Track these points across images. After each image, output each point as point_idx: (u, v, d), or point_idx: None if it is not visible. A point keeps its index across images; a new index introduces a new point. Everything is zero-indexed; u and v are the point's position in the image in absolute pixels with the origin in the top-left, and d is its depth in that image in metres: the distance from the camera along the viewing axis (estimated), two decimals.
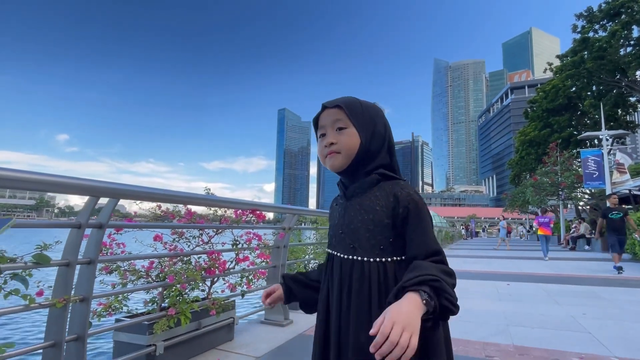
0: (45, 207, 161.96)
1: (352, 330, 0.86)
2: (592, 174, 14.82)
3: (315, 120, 1.01)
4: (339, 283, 0.92)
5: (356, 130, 0.93)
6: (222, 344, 2.69)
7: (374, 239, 0.89)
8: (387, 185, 0.93)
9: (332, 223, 1.03)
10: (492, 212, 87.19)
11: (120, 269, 2.38)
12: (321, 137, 0.99)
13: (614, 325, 3.37)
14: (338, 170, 0.96)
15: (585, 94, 23.66)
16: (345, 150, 0.93)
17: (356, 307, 0.87)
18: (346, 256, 0.92)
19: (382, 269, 0.88)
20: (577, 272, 7.73)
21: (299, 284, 1.09)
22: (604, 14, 20.96)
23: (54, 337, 1.65)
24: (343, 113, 0.95)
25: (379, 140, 0.96)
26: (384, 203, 0.90)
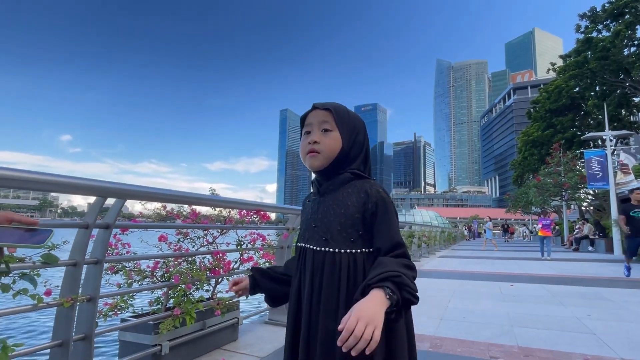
0: (49, 207, 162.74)
1: (322, 317, 0.92)
2: (596, 175, 14.73)
3: (303, 118, 1.08)
4: (310, 273, 0.98)
5: (340, 135, 1.01)
6: (226, 344, 2.70)
7: (345, 231, 0.96)
8: (358, 183, 1.01)
9: (304, 218, 1.10)
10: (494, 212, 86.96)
11: (125, 269, 2.39)
12: (306, 134, 1.05)
13: (619, 327, 3.35)
14: (316, 170, 1.04)
15: (589, 94, 23.54)
16: (326, 152, 1.00)
17: (326, 296, 0.93)
18: (319, 248, 0.98)
19: (352, 259, 0.95)
20: (581, 273, 7.69)
21: (265, 277, 1.14)
22: (608, 14, 20.85)
23: (62, 337, 1.66)
24: (331, 116, 1.02)
25: (358, 147, 1.04)
26: (355, 199, 0.98)
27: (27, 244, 0.72)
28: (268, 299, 1.16)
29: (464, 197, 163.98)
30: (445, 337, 3.02)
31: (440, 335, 3.07)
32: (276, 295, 1.15)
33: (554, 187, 19.32)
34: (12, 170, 1.35)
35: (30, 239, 0.73)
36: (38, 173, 1.45)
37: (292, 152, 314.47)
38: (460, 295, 4.95)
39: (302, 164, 1.09)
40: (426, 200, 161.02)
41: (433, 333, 3.13)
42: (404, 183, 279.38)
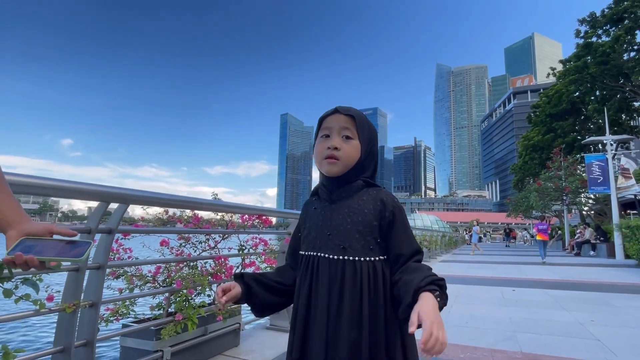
0: (49, 211, 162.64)
1: (345, 327, 0.90)
2: (597, 179, 14.71)
3: (321, 119, 1.05)
4: (327, 284, 0.95)
5: (359, 144, 1.01)
6: (228, 350, 2.68)
7: (364, 239, 0.96)
8: (371, 191, 1.01)
9: (311, 225, 1.05)
10: (495, 217, 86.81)
11: (127, 274, 2.39)
12: (324, 137, 1.02)
13: (623, 332, 3.33)
14: (333, 176, 1.01)
15: (589, 98, 23.62)
16: (345, 159, 0.99)
17: (349, 305, 0.91)
18: (335, 257, 0.96)
19: (372, 267, 0.94)
20: (584, 277, 7.66)
21: (259, 285, 1.04)
22: (607, 19, 20.97)
23: (63, 342, 1.65)
24: (353, 123, 1.01)
25: (372, 158, 1.05)
26: (372, 207, 0.98)
27: (66, 257, 0.72)
28: (257, 309, 1.05)
29: (464, 201, 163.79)
30: (448, 343, 2.99)
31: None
32: (267, 306, 1.06)
33: (555, 191, 19.32)
34: (18, 175, 1.35)
35: (69, 252, 0.73)
36: (43, 178, 1.45)
37: (293, 156, 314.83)
38: (462, 300, 4.93)
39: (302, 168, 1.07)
40: (427, 205, 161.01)
41: None
42: (405, 187, 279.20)
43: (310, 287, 0.99)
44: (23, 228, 0.74)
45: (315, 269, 0.99)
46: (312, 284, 0.98)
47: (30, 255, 0.70)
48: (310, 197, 1.16)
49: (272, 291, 1.07)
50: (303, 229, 1.10)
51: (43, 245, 0.72)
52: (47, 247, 0.72)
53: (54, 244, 0.73)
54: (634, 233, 10.45)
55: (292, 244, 1.17)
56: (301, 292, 1.01)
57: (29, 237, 0.73)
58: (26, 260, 0.69)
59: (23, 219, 0.76)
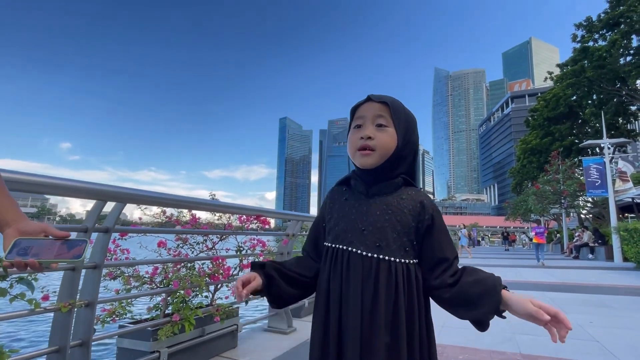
0: (47, 214, 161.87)
1: (382, 330, 0.85)
2: (595, 182, 14.74)
3: (353, 109, 1.00)
4: (360, 283, 0.89)
5: (395, 132, 0.94)
6: (225, 351, 2.66)
7: (400, 240, 0.91)
8: (410, 190, 0.97)
9: (343, 216, 0.98)
10: (494, 220, 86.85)
11: (124, 274, 2.37)
12: (356, 127, 0.97)
13: (622, 334, 3.32)
14: (368, 168, 0.95)
15: (586, 102, 23.73)
16: (381, 149, 0.93)
17: (384, 307, 0.86)
18: (369, 254, 0.90)
19: (406, 270, 0.90)
20: (582, 280, 7.65)
21: (281, 276, 0.98)
22: (604, 23, 21.11)
23: (59, 342, 1.63)
24: (387, 111, 0.95)
25: (411, 147, 0.98)
26: (412, 208, 0.93)
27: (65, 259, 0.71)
28: (274, 300, 0.99)
29: (463, 205, 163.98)
30: (448, 345, 2.99)
31: (442, 343, 3.03)
32: (284, 298, 1.00)
33: (553, 194, 19.33)
34: (16, 173, 1.34)
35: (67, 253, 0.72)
36: (40, 176, 1.45)
37: (292, 160, 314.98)
38: None
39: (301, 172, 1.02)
40: None
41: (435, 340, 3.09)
42: None
43: (341, 283, 0.91)
44: (19, 227, 0.74)
45: (346, 265, 0.92)
46: (342, 281, 0.92)
47: (31, 259, 0.69)
48: (337, 185, 1.07)
49: (293, 283, 1.00)
50: (329, 219, 1.01)
51: (39, 246, 0.72)
52: (44, 248, 0.71)
53: (50, 243, 0.73)
54: (632, 236, 10.46)
55: (313, 233, 1.08)
56: (332, 290, 0.93)
57: (23, 237, 0.72)
58: (27, 264, 0.69)
59: (20, 218, 0.77)
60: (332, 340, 0.90)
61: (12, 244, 0.71)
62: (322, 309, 0.94)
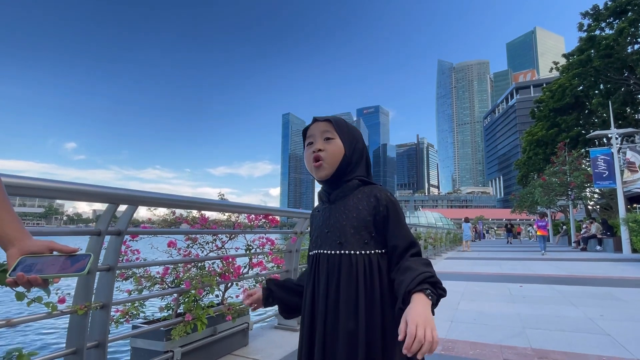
0: (54, 214, 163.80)
1: (342, 318, 0.95)
2: (602, 174, 14.59)
3: (304, 131, 1.13)
4: (326, 276, 1.01)
5: (341, 142, 1.06)
6: (237, 350, 2.69)
7: (359, 234, 1.01)
8: (366, 188, 1.06)
9: (316, 227, 1.13)
10: (499, 213, 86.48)
11: (135, 275, 2.40)
12: (309, 145, 1.10)
13: (633, 327, 3.31)
14: (324, 179, 1.07)
15: (593, 92, 23.39)
16: (330, 158, 1.05)
17: (345, 296, 0.96)
18: (333, 252, 1.02)
19: (367, 260, 0.99)
20: (591, 273, 7.61)
21: (281, 288, 1.16)
22: (610, 11, 20.75)
23: (75, 344, 1.66)
24: (332, 126, 1.08)
25: (359, 154, 1.09)
26: (366, 203, 1.03)
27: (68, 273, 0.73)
28: (282, 310, 1.18)
29: (468, 198, 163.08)
30: (457, 340, 2.99)
31: (451, 338, 3.04)
32: (290, 307, 1.17)
33: (560, 186, 19.17)
34: (26, 178, 1.36)
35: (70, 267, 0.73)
36: (51, 181, 1.46)
37: (295, 156, 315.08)
38: (469, 296, 4.91)
39: (305, 167, 1.13)
40: (430, 202, 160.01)
41: (444, 336, 3.10)
42: (408, 185, 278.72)
43: (313, 284, 1.05)
44: (23, 245, 0.74)
45: (317, 266, 1.05)
46: (315, 281, 1.05)
47: (33, 275, 0.70)
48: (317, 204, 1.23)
49: (293, 293, 1.16)
50: (312, 234, 1.17)
51: (43, 262, 0.73)
52: (48, 264, 0.72)
53: (54, 259, 0.74)
54: None
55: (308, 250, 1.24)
56: (307, 289, 1.07)
57: (28, 255, 0.73)
58: (29, 280, 0.70)
59: (24, 236, 0.75)
60: (305, 334, 1.03)
61: (16, 262, 0.71)
62: (304, 308, 1.07)
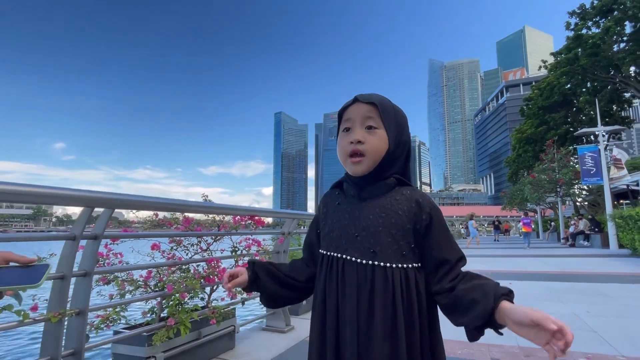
0: (43, 216, 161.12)
1: (379, 340, 0.81)
2: (590, 170, 14.80)
3: (341, 111, 0.96)
4: (356, 290, 0.86)
5: (386, 134, 0.90)
6: (223, 353, 2.65)
7: (396, 244, 0.86)
8: (404, 190, 0.92)
9: (336, 222, 0.95)
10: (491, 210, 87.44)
11: (117, 279, 2.34)
12: (345, 130, 0.94)
13: (619, 323, 3.34)
14: (360, 176, 0.92)
15: (580, 90, 23.78)
16: (372, 154, 0.89)
17: (381, 315, 0.82)
18: (364, 261, 0.86)
19: (404, 275, 0.85)
20: (579, 269, 7.71)
21: (268, 275, 1.01)
22: (597, 10, 21.08)
23: (50, 353, 1.60)
24: (376, 112, 0.91)
25: (403, 147, 0.94)
26: (406, 208, 0.88)
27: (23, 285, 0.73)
28: (265, 299, 1.04)
29: (459, 195, 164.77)
30: (446, 339, 2.95)
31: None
32: (274, 298, 1.03)
33: (549, 183, 19.41)
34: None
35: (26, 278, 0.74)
36: (21, 185, 1.40)
37: (288, 155, 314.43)
38: None
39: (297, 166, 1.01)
40: None
41: None
42: None
43: (337, 292, 0.89)
44: None
45: (341, 273, 0.89)
46: (338, 290, 0.89)
47: None
48: (331, 189, 1.04)
49: (283, 285, 1.02)
50: (323, 226, 0.99)
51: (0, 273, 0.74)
52: (3, 275, 0.73)
53: (10, 271, 0.75)
54: (627, 223, 10.55)
55: (308, 239, 1.08)
56: (328, 299, 0.90)
57: None
58: None
59: None
60: (329, 353, 0.87)
61: None
62: (318, 320, 0.92)
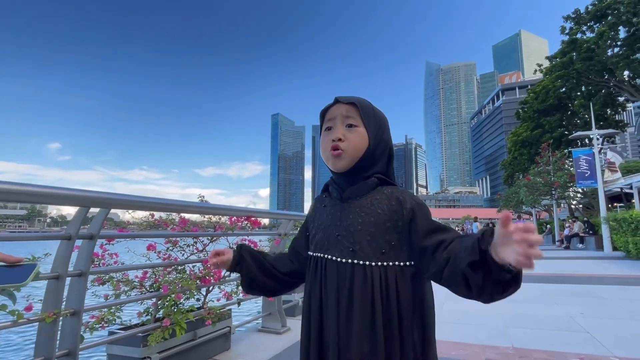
0: (37, 216, 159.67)
1: (355, 338, 0.82)
2: (584, 173, 14.93)
3: (323, 112, 0.98)
4: (336, 288, 0.87)
5: (366, 132, 0.93)
6: (218, 354, 2.64)
7: (376, 242, 0.87)
8: (385, 189, 0.93)
9: (321, 224, 0.98)
10: (486, 212, 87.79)
11: (113, 279, 2.33)
12: (327, 130, 0.96)
13: (612, 325, 3.37)
14: (341, 171, 0.94)
15: (575, 94, 23.97)
16: (351, 150, 0.91)
17: (360, 314, 0.83)
18: (344, 260, 0.88)
19: (383, 273, 0.85)
20: (573, 271, 7.76)
21: (254, 261, 1.04)
22: (591, 15, 21.29)
23: (44, 353, 1.59)
24: (356, 111, 0.93)
25: (384, 146, 0.96)
26: (386, 206, 0.89)
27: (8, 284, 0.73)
28: (245, 284, 1.05)
29: (455, 197, 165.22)
30: (441, 340, 2.98)
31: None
32: (255, 284, 1.04)
33: (544, 186, 19.55)
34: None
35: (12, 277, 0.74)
36: (18, 184, 1.39)
37: (284, 157, 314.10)
38: (454, 296, 4.86)
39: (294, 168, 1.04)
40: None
41: None
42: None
43: (321, 293, 0.91)
44: None
45: (324, 273, 0.91)
46: (321, 289, 0.91)
47: None
48: (321, 192, 1.06)
49: (265, 272, 1.04)
50: (311, 228, 1.02)
51: None
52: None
53: None
54: (620, 226, 10.62)
55: (296, 238, 1.11)
56: (312, 298, 0.93)
57: None
58: None
59: None
60: (312, 353, 0.89)
61: None
62: (306, 321, 0.94)
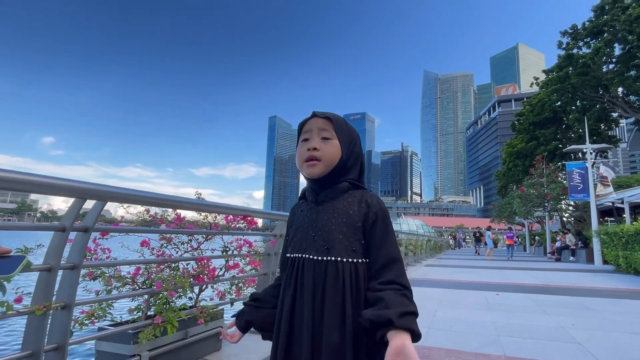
0: (27, 211, 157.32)
1: (326, 330, 0.89)
2: (577, 187, 15.06)
3: (301, 125, 1.07)
4: (312, 284, 0.94)
5: (339, 144, 1.01)
6: (209, 354, 2.61)
7: (347, 240, 0.95)
8: (357, 192, 1.02)
9: (298, 227, 1.05)
10: (479, 222, 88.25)
11: (104, 275, 2.30)
12: (304, 141, 1.04)
13: (602, 336, 3.39)
14: (315, 178, 1.01)
15: (570, 108, 24.25)
16: (326, 159, 0.99)
17: (331, 306, 0.91)
18: (320, 257, 0.96)
19: (354, 269, 0.94)
20: (565, 282, 7.81)
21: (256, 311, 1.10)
22: (588, 31, 21.61)
23: (32, 347, 1.56)
24: (331, 125, 1.02)
25: (355, 158, 1.05)
26: (357, 208, 0.98)
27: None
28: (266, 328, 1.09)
29: (449, 206, 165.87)
30: (433, 347, 2.99)
31: (428, 345, 3.04)
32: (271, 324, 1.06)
33: (537, 197, 19.69)
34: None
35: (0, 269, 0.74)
36: (13, 172, 1.37)
37: (280, 159, 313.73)
38: (447, 304, 4.95)
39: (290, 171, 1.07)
40: (412, 209, 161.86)
41: (421, 343, 3.09)
42: (391, 192, 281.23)
43: (295, 290, 0.98)
44: None
45: (301, 271, 0.98)
46: (297, 287, 0.98)
47: None
48: (298, 200, 1.15)
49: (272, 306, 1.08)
50: (290, 232, 1.10)
51: None
52: None
53: None
54: (611, 239, 10.73)
55: (283, 251, 1.15)
56: (286, 295, 1.00)
57: None
58: None
59: None
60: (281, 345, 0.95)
61: None
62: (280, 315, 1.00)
